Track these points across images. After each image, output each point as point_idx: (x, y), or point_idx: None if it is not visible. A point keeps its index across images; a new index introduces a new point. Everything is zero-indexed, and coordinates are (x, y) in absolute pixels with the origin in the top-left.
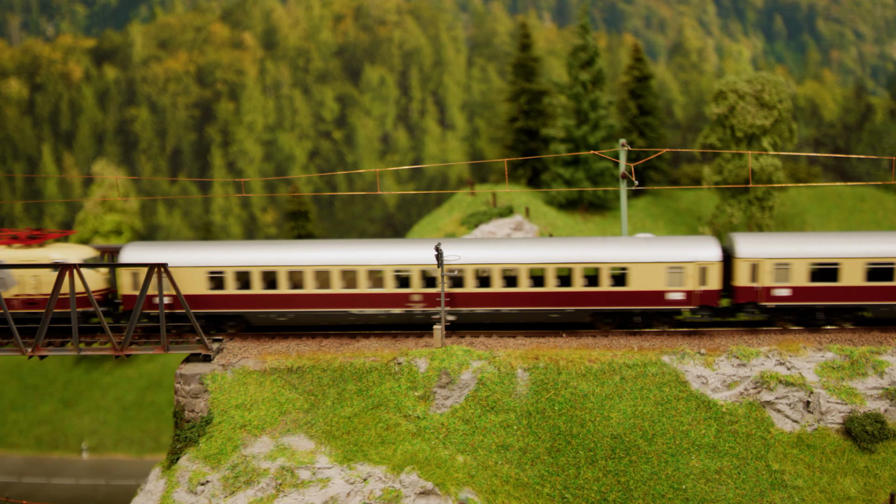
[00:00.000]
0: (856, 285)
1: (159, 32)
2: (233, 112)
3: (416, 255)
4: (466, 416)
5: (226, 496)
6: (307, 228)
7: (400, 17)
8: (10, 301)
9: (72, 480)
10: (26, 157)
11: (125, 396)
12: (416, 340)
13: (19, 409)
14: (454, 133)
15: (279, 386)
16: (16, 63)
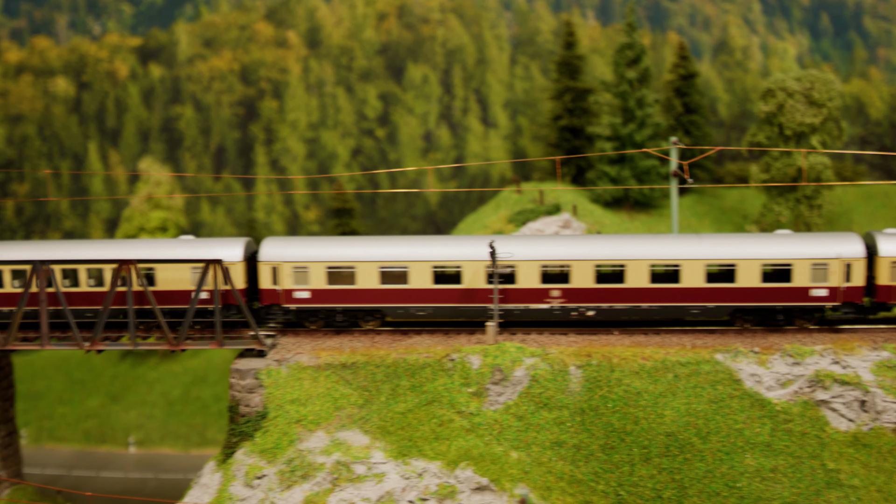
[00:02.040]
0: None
1: (204, 31)
2: (276, 110)
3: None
4: (520, 413)
5: (282, 490)
6: (351, 226)
7: (443, 15)
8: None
9: (120, 474)
10: (73, 155)
11: (171, 391)
12: (469, 337)
13: (67, 403)
14: (496, 131)
15: (333, 381)
16: (63, 62)
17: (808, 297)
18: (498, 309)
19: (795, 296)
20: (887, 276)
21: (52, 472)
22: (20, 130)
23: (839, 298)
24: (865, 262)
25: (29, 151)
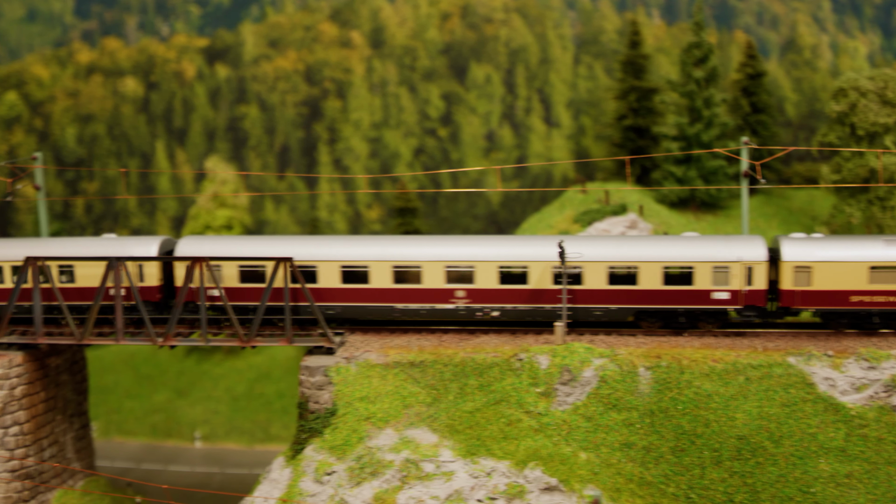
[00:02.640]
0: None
1: (270, 32)
2: (340, 110)
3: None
4: (588, 414)
5: (351, 486)
6: (415, 225)
7: (507, 15)
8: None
9: (187, 468)
10: (141, 154)
11: (235, 387)
12: (536, 337)
13: (135, 397)
14: (559, 131)
15: (402, 379)
16: (132, 62)
17: (710, 300)
18: (567, 309)
19: (697, 298)
20: (791, 281)
21: (122, 464)
22: (90, 130)
23: (741, 301)
24: (767, 266)
25: (99, 150)
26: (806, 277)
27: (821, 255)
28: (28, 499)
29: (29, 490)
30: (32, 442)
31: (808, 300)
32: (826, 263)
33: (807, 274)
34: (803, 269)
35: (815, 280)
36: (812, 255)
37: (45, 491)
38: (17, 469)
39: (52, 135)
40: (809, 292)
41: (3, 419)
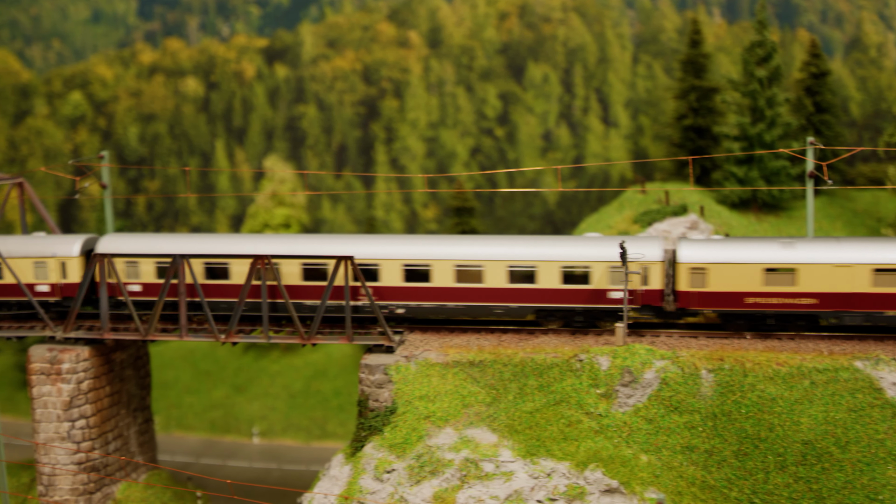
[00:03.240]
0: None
1: (328, 32)
2: (397, 109)
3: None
4: (650, 416)
5: (411, 485)
6: (471, 224)
7: (565, 14)
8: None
9: (245, 463)
10: (201, 153)
11: (292, 384)
12: (597, 338)
13: (194, 393)
14: (617, 131)
15: (461, 379)
16: (193, 63)
17: (607, 300)
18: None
19: (594, 298)
20: (687, 282)
21: (181, 459)
22: (152, 129)
23: (638, 301)
24: (663, 266)
25: (160, 149)
26: (702, 279)
27: (716, 257)
28: (94, 490)
29: (94, 482)
30: (98, 435)
31: (704, 301)
32: (721, 265)
33: (702, 275)
34: (699, 270)
35: (711, 281)
36: (707, 256)
37: (109, 483)
38: (83, 461)
39: (115, 134)
40: (705, 293)
41: (70, 412)
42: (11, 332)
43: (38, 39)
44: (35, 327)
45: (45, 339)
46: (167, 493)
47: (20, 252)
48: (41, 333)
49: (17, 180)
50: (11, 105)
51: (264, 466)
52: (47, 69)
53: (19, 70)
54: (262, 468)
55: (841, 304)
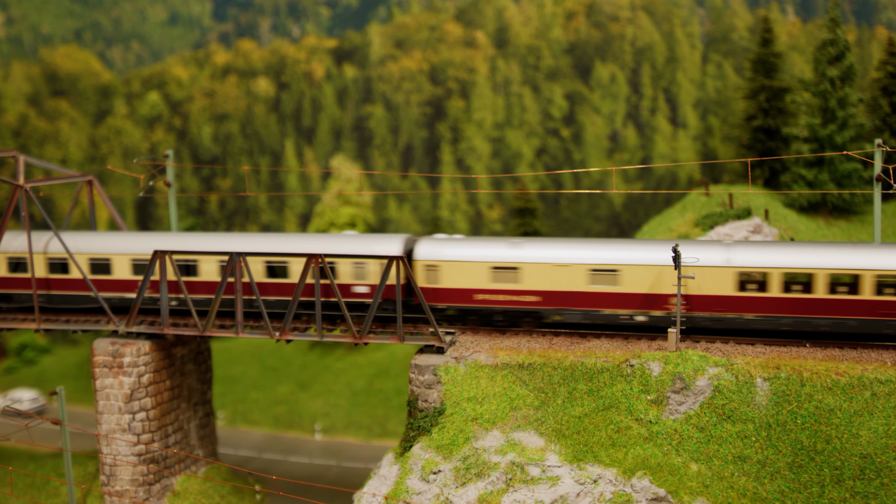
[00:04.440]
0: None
1: (396, 32)
2: (463, 109)
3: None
4: (701, 424)
5: (457, 487)
6: (534, 226)
7: (633, 13)
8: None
9: (306, 459)
10: (271, 152)
11: (355, 382)
12: (649, 343)
13: (260, 388)
14: (686, 131)
15: (510, 381)
16: (265, 63)
17: (352, 294)
18: (681, 316)
19: (340, 291)
20: (422, 279)
21: (245, 453)
22: (225, 128)
23: (383, 296)
24: (402, 264)
25: (232, 148)
26: (435, 275)
27: (447, 255)
28: (153, 482)
29: (154, 474)
30: (157, 428)
31: (438, 297)
32: (452, 263)
33: (435, 272)
34: (432, 267)
35: (443, 278)
36: (439, 254)
37: (168, 475)
38: (143, 453)
39: (190, 133)
40: (439, 290)
41: (130, 405)
42: (78, 325)
43: (119, 41)
44: (101, 321)
45: (109, 333)
46: (225, 487)
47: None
48: (105, 327)
49: (86, 178)
50: (93, 105)
51: (324, 463)
52: (127, 70)
53: (100, 71)
54: (322, 465)
55: (562, 302)
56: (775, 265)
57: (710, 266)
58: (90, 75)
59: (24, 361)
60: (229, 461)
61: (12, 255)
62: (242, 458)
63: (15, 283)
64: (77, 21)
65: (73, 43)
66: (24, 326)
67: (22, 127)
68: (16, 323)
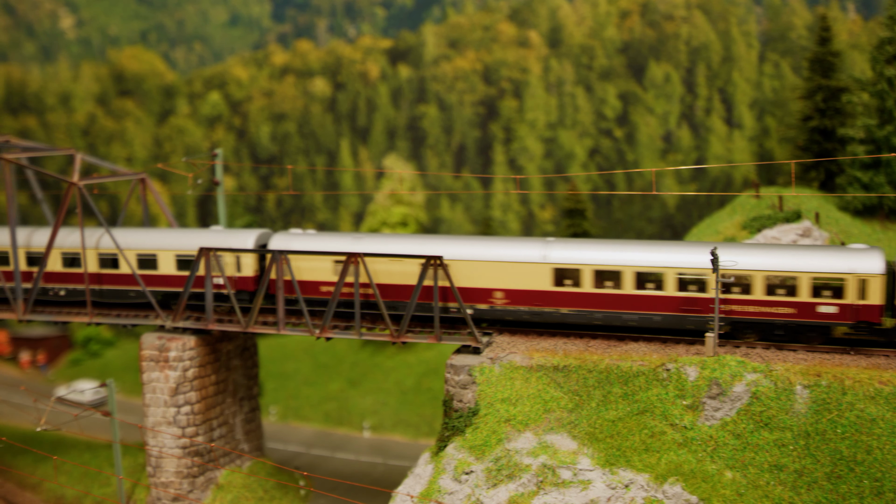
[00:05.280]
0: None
1: (450, 32)
2: (516, 109)
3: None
4: (737, 431)
5: (488, 488)
6: (583, 227)
7: (688, 12)
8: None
9: (352, 456)
10: (327, 151)
11: (404, 381)
12: (687, 347)
13: (311, 385)
14: (741, 132)
15: (545, 383)
16: (321, 63)
17: (216, 286)
18: (718, 319)
19: (201, 283)
20: (275, 272)
21: (294, 448)
22: (282, 128)
23: (234, 287)
24: (257, 256)
25: (289, 147)
26: (287, 269)
27: (295, 249)
28: (197, 474)
29: (198, 466)
30: (202, 421)
31: (289, 288)
32: (300, 256)
33: (287, 265)
34: (283, 260)
35: (293, 271)
36: (289, 247)
37: (213, 468)
38: (188, 446)
39: (249, 132)
40: (289, 282)
41: (175, 398)
42: (128, 319)
43: (182, 42)
44: (149, 316)
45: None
46: (269, 481)
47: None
48: (152, 322)
49: (139, 177)
50: (157, 105)
51: (370, 460)
52: (189, 70)
53: (164, 71)
54: (368, 462)
55: (395, 295)
56: (587, 262)
57: (528, 262)
58: (155, 76)
59: (90, 354)
60: (278, 456)
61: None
62: (291, 453)
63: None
64: (143, 23)
65: (139, 44)
66: (78, 320)
67: (90, 126)
68: (71, 316)
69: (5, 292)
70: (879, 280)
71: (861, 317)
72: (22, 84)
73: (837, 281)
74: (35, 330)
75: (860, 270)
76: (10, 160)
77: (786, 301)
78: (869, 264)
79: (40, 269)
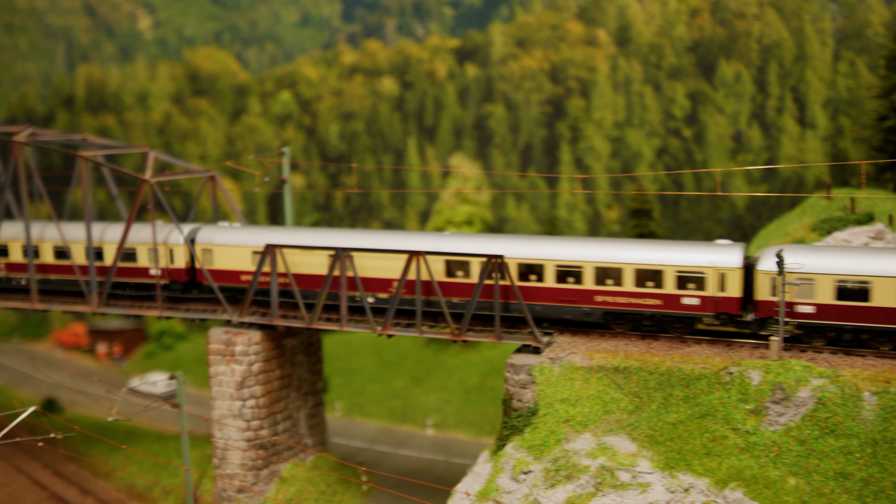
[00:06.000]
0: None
1: (517, 31)
2: (583, 109)
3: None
4: (802, 437)
5: (546, 488)
6: (650, 227)
7: (760, 9)
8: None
9: (415, 453)
10: (394, 150)
11: (468, 379)
12: (752, 351)
13: (376, 381)
14: (814, 132)
15: (604, 384)
16: (390, 63)
17: (148, 276)
18: (784, 322)
19: (139, 274)
20: (204, 261)
21: (357, 444)
22: (351, 127)
23: (166, 278)
24: (185, 249)
25: (357, 146)
26: (211, 258)
27: (219, 240)
28: (261, 467)
29: (262, 459)
30: (266, 415)
31: (214, 277)
32: (222, 247)
33: (211, 255)
34: (208, 251)
35: (217, 260)
36: (212, 239)
37: (276, 462)
38: (252, 439)
39: (318, 131)
40: (213, 271)
41: (241, 392)
42: (196, 314)
43: (254, 42)
44: (217, 311)
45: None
46: (331, 476)
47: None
48: (220, 317)
49: (209, 174)
50: (230, 104)
51: (432, 458)
52: (261, 70)
53: (237, 71)
54: (430, 459)
55: (308, 284)
56: (475, 252)
57: (427, 253)
58: (228, 75)
59: (163, 347)
60: (342, 451)
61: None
62: (354, 448)
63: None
64: (217, 23)
65: (213, 44)
66: (149, 313)
67: (166, 124)
68: (142, 310)
69: (80, 286)
70: (738, 274)
71: (721, 308)
72: (101, 84)
73: (699, 274)
74: (111, 323)
75: (719, 264)
76: (87, 158)
77: (653, 293)
78: (728, 258)
79: (114, 263)
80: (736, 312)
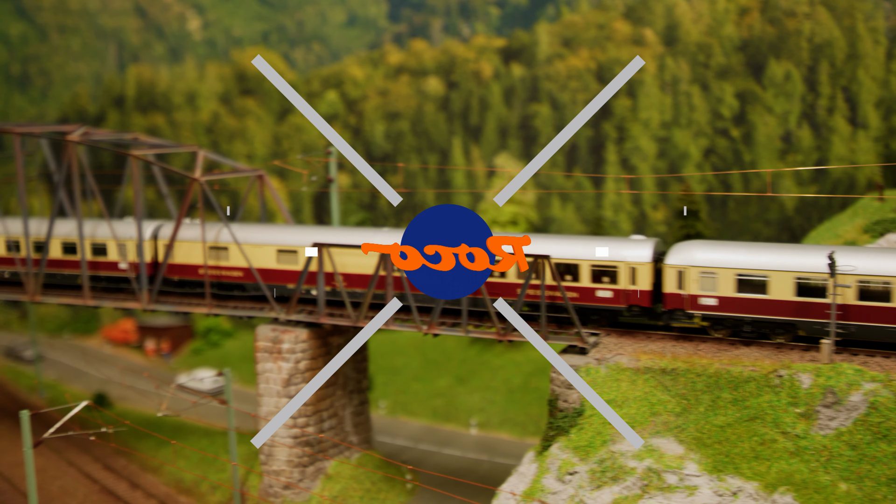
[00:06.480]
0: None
1: (564, 31)
2: (629, 108)
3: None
4: (853, 442)
5: (591, 489)
6: (696, 228)
7: (811, 8)
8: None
9: (459, 452)
10: (439, 150)
11: (512, 379)
12: (802, 354)
13: (421, 380)
14: (866, 132)
15: (651, 386)
16: (436, 63)
17: (117, 269)
18: (835, 326)
19: (107, 267)
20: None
21: (401, 443)
22: (396, 126)
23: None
24: (152, 243)
25: (403, 145)
26: (172, 253)
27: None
28: (307, 464)
29: (308, 457)
30: (313, 413)
31: (174, 271)
32: (182, 242)
33: (172, 250)
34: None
35: (177, 255)
36: (166, 235)
37: (322, 459)
38: (298, 436)
39: (364, 131)
40: (173, 265)
41: (288, 389)
42: (244, 311)
43: (301, 42)
44: (263, 309)
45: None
46: (377, 474)
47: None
48: (267, 314)
49: (257, 173)
50: (276, 103)
51: (476, 457)
52: (308, 70)
53: (284, 71)
54: (474, 459)
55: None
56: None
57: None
58: None
59: (210, 344)
60: (386, 449)
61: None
62: (398, 447)
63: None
64: (265, 24)
65: (261, 45)
66: (197, 310)
67: (214, 124)
68: (191, 307)
69: (131, 283)
70: (647, 268)
71: (632, 301)
72: (151, 84)
73: (612, 268)
74: (160, 319)
75: (630, 259)
76: (137, 156)
77: (571, 286)
78: (638, 253)
79: (164, 260)
80: (647, 305)
